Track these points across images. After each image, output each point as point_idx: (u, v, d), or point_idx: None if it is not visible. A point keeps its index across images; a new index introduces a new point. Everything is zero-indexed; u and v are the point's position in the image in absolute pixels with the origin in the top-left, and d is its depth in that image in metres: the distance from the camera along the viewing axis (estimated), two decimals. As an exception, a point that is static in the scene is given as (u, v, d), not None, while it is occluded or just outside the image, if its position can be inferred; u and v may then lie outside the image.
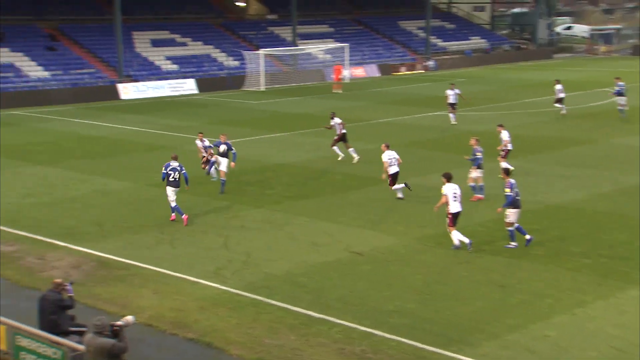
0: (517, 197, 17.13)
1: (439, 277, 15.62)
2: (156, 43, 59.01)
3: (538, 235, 17.83)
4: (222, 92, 52.45)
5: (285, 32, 66.13)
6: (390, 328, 13.11)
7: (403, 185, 21.63)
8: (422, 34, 70.45)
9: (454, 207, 17.04)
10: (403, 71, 63.29)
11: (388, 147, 21.81)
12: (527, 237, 17.34)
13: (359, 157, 27.05)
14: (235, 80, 55.15)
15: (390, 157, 21.53)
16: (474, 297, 14.54)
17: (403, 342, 12.58)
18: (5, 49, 51.32)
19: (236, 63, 59.31)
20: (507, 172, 17.76)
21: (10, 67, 49.82)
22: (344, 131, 27.26)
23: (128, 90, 49.83)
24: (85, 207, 21.32)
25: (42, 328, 11.69)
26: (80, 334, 11.79)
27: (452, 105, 36.03)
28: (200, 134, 25.27)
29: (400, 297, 14.50)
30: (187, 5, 66.23)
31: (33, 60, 51.32)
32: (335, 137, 27.56)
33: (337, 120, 27.35)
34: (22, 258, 16.91)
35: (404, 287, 15.07)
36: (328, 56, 62.25)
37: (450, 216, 17.12)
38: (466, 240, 17.05)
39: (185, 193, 20.92)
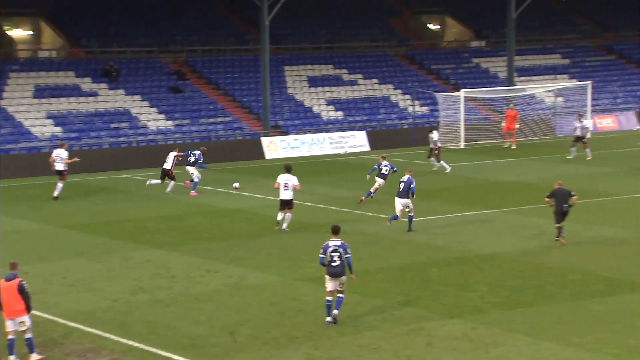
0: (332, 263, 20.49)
1: None
2: (315, 82, 61.27)
3: None
4: (403, 149, 53.17)
5: (497, 65, 66.51)
6: None
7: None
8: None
9: (282, 194, 30.28)
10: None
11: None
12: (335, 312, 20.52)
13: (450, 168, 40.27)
14: (423, 134, 55.73)
15: None
16: None
17: None
18: (120, 92, 55.40)
19: (424, 109, 60.19)
20: None
21: (125, 115, 53.61)
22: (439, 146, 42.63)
23: (275, 147, 51.88)
24: (215, 309, 22.21)
25: None
26: None
27: None
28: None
29: None
30: (358, 29, 68.31)
31: (153, 106, 54.96)
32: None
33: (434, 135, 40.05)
34: (131, 377, 17.87)
35: None
36: (560, 99, 61.62)
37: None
38: (279, 217, 30.53)
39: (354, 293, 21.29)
